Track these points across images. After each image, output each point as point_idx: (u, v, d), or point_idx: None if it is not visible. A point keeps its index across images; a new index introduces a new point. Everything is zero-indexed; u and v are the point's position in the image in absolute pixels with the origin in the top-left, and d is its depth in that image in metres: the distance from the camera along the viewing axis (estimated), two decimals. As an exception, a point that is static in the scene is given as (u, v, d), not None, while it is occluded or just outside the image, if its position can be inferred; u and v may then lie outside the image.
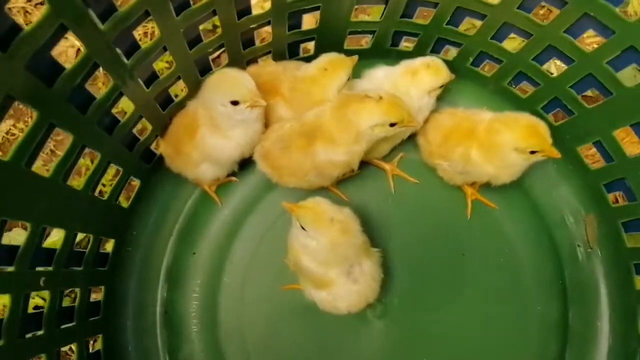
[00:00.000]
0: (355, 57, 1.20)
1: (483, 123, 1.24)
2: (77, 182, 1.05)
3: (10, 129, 1.60)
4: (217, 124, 1.16)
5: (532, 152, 1.17)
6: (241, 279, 1.34)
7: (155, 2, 0.89)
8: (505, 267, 1.38)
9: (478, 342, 1.33)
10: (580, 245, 1.40)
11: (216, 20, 1.07)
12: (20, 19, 1.41)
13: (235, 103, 1.09)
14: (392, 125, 1.13)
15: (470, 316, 1.34)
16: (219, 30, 1.11)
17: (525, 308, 1.36)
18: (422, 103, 1.27)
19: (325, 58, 1.21)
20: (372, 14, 1.64)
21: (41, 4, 1.54)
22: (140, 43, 0.97)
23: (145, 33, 1.63)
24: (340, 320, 1.25)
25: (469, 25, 1.39)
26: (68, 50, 1.50)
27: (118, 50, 0.92)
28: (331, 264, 1.11)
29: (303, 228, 1.06)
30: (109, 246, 1.27)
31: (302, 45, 1.35)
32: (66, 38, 0.79)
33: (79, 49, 1.43)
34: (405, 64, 1.27)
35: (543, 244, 1.41)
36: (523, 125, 1.17)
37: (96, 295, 1.24)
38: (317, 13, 1.22)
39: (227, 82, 1.10)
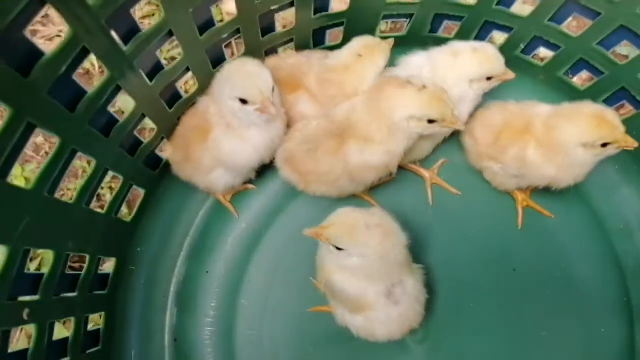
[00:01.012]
0: (392, 40, 1.10)
1: (540, 117, 1.13)
2: (68, 193, 0.89)
3: None
4: (229, 122, 1.05)
5: (604, 145, 1.05)
6: (261, 301, 1.24)
7: None
8: (561, 284, 1.27)
9: (533, 371, 1.23)
10: None
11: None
12: None
13: (244, 102, 0.99)
14: (430, 122, 1.01)
15: (522, 340, 1.23)
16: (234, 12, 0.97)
17: (585, 330, 1.24)
18: (463, 92, 1.16)
19: (359, 42, 1.10)
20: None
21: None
22: (140, 25, 0.84)
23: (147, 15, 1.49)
24: (376, 347, 1.14)
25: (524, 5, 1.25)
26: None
27: (113, 34, 0.79)
28: (379, 278, 1.01)
29: (339, 248, 0.94)
30: (110, 265, 1.16)
31: (329, 32, 1.24)
32: (47, 16, 0.63)
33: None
34: (451, 44, 1.16)
35: (604, 257, 1.29)
36: (588, 115, 1.05)
37: (95, 322, 1.12)
38: None
39: (241, 75, 1.00)
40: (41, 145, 1.42)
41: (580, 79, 1.26)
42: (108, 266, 1.16)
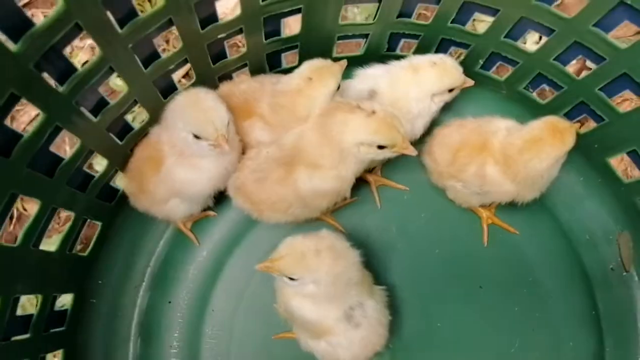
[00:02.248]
0: (344, 62, 1.08)
1: (498, 134, 1.13)
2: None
3: None
4: (181, 151, 1.03)
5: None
6: (226, 330, 1.23)
7: (88, 12, 0.72)
8: (529, 299, 1.27)
9: (503, 388, 1.24)
10: (613, 268, 1.30)
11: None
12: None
13: (197, 136, 0.98)
14: (380, 147, 1.00)
15: (492, 358, 1.24)
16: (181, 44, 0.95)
17: (554, 345, 1.25)
18: (422, 108, 1.16)
19: (309, 65, 1.08)
20: (364, 14, 1.49)
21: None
22: (76, 65, 0.81)
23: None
24: None
25: (479, 23, 1.25)
26: None
27: (45, 75, 0.76)
28: (337, 301, 1.00)
29: (292, 279, 0.93)
30: (68, 300, 1.13)
31: (285, 55, 1.23)
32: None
33: None
34: (410, 59, 1.16)
35: (571, 270, 1.30)
36: (549, 142, 1.06)
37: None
38: (299, 16, 1.10)
39: (195, 110, 0.98)
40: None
41: (540, 94, 1.25)
42: (66, 301, 1.13)
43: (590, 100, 1.16)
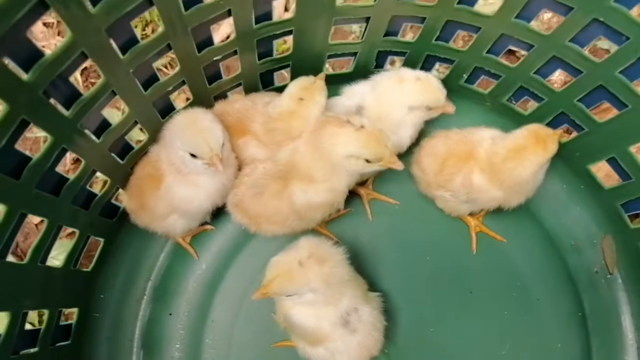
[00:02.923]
0: (323, 75, 1.11)
1: (483, 143, 1.18)
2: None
3: None
4: (179, 169, 1.07)
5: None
6: (226, 339, 1.26)
7: (93, 41, 0.76)
8: (517, 303, 1.31)
9: (495, 389, 1.27)
10: (598, 271, 1.34)
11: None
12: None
13: (193, 155, 1.02)
14: (368, 161, 1.04)
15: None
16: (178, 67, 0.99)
17: (543, 346, 1.28)
18: (401, 116, 1.19)
19: (296, 86, 1.12)
20: (353, 34, 1.53)
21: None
22: (81, 90, 0.85)
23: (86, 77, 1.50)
24: None
25: (462, 40, 1.29)
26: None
27: (52, 102, 0.80)
28: (335, 302, 1.02)
29: (289, 295, 0.99)
30: (72, 317, 1.16)
31: (277, 74, 1.27)
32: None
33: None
34: (398, 70, 1.20)
35: (557, 274, 1.34)
36: (531, 149, 1.10)
37: None
38: (291, 38, 1.14)
39: (192, 130, 1.02)
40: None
41: (523, 106, 1.30)
42: (71, 316, 1.15)
43: (569, 110, 1.20)
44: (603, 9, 0.94)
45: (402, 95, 1.16)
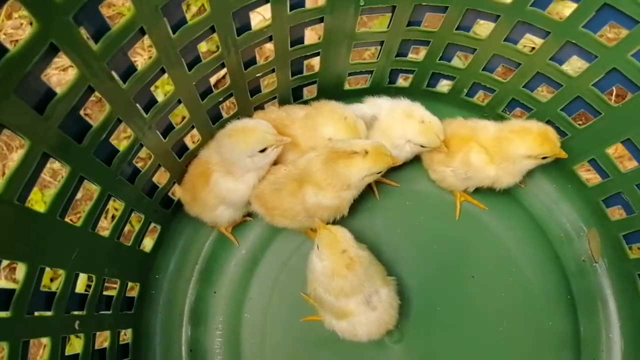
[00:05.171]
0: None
1: (486, 130, 1.31)
2: (104, 230, 1.11)
3: None
4: (233, 171, 1.22)
5: (544, 157, 1.26)
6: (261, 314, 1.38)
7: (171, 60, 0.97)
8: (514, 286, 1.42)
9: (494, 360, 1.37)
10: (585, 260, 1.45)
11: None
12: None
13: (262, 150, 1.18)
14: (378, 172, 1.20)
15: (484, 335, 1.38)
16: (228, 81, 1.19)
17: (537, 324, 1.40)
18: (400, 144, 1.32)
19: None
20: (370, 56, 1.71)
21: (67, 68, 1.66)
22: (156, 97, 1.05)
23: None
24: (360, 348, 1.29)
25: (461, 59, 1.46)
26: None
27: (138, 106, 1.00)
28: (333, 292, 1.15)
29: (318, 247, 1.13)
30: (134, 291, 1.33)
31: (306, 89, 1.42)
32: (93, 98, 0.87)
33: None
34: (413, 105, 1.31)
35: (549, 262, 1.45)
36: (536, 133, 1.24)
37: (124, 337, 1.29)
38: (318, 58, 1.28)
39: (252, 134, 1.17)
40: (58, 170, 1.65)
41: (515, 116, 1.43)
42: (133, 292, 1.32)
43: (554, 118, 1.33)
44: (575, 34, 1.09)
45: (403, 128, 1.28)
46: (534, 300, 1.42)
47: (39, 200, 1.58)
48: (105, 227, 1.42)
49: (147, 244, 1.36)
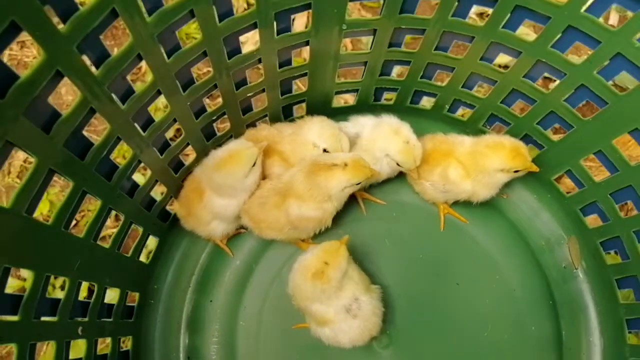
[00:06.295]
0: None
1: (462, 145, 1.37)
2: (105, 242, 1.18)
3: (27, 158, 1.78)
4: (230, 193, 1.29)
5: (516, 171, 1.31)
6: (255, 321, 1.43)
7: (167, 83, 1.05)
8: (497, 293, 1.47)
9: (479, 364, 1.41)
10: (565, 266, 1.50)
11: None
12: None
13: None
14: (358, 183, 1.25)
15: (469, 340, 1.43)
16: (220, 100, 1.26)
17: (519, 329, 1.44)
18: (379, 157, 1.36)
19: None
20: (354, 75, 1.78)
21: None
22: (154, 117, 1.12)
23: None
24: (349, 353, 1.32)
25: (442, 77, 1.53)
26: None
27: (136, 125, 1.07)
28: (339, 291, 1.19)
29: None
30: (134, 300, 1.38)
31: (295, 107, 1.48)
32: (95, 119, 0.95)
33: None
34: (401, 125, 1.35)
35: (531, 269, 1.50)
36: (508, 148, 1.30)
37: (125, 345, 1.34)
38: (306, 78, 1.34)
39: (240, 155, 1.24)
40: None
41: (495, 130, 1.50)
42: (132, 301, 1.37)
43: (531, 132, 1.40)
44: (544, 53, 1.17)
45: (387, 143, 1.32)
46: (517, 306, 1.46)
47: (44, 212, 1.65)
48: (106, 238, 1.48)
49: (146, 255, 1.42)
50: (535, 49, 1.18)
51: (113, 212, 1.15)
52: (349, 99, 1.53)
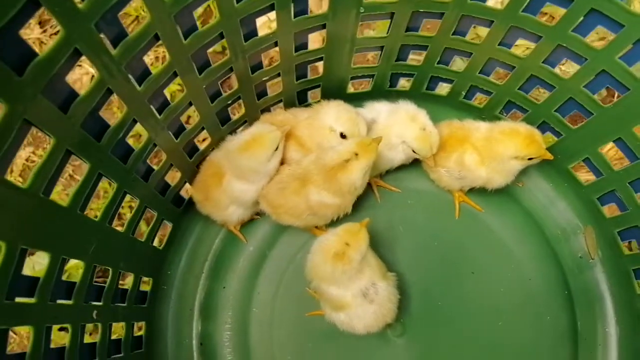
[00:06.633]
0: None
1: (478, 131, 1.36)
2: (119, 225, 1.17)
3: (29, 156, 1.78)
4: (251, 178, 1.29)
5: (530, 158, 1.30)
6: (269, 308, 1.42)
7: (183, 65, 1.04)
8: (513, 282, 1.46)
9: (494, 353, 1.41)
10: (581, 256, 1.48)
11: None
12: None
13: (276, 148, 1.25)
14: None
15: (484, 329, 1.42)
16: (235, 84, 1.25)
17: (535, 319, 1.43)
18: (395, 143, 1.35)
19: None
20: (371, 60, 1.77)
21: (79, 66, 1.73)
22: (169, 99, 1.11)
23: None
24: (363, 340, 1.32)
25: (459, 61, 1.51)
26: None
27: (152, 107, 1.06)
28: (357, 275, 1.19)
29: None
30: (148, 285, 1.39)
31: (310, 92, 1.46)
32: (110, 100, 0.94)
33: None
34: (418, 112, 1.33)
35: (547, 258, 1.49)
36: (523, 135, 1.29)
37: (138, 330, 1.34)
38: (321, 63, 1.33)
39: (264, 138, 1.24)
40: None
41: (512, 117, 1.48)
42: (146, 286, 1.37)
43: (549, 119, 1.37)
44: (565, 37, 1.14)
45: (404, 129, 1.31)
46: (532, 295, 1.45)
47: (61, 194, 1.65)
48: (121, 222, 1.47)
49: (159, 241, 1.42)
50: (555, 33, 1.16)
51: (128, 197, 1.14)
52: (365, 84, 1.49)
